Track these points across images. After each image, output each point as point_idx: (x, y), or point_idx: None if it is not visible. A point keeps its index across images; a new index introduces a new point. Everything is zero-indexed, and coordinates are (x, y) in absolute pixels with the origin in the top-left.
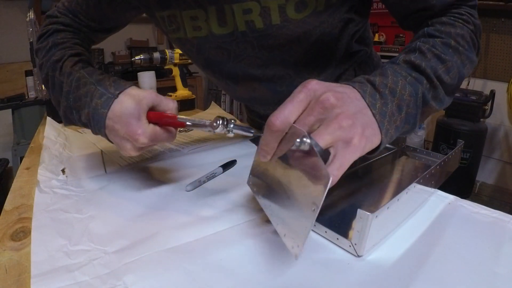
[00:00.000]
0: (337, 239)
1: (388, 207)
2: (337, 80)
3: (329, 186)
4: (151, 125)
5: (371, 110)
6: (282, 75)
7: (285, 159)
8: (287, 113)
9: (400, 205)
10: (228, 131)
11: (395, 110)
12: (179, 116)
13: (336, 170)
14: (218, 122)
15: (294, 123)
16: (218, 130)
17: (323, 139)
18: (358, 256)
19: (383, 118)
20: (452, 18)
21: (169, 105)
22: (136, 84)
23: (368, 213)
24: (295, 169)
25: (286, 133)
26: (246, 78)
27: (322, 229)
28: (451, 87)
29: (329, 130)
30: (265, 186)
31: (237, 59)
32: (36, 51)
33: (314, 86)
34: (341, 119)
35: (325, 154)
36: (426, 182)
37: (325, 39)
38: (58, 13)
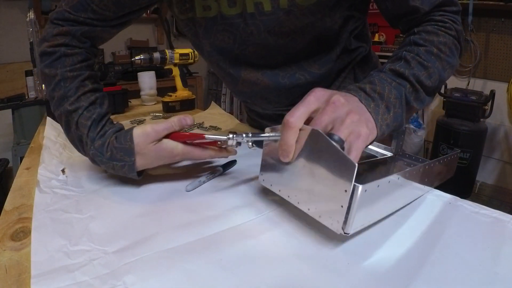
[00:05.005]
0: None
1: (378, 185)
2: (337, 77)
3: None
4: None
5: (367, 109)
6: (283, 65)
7: (302, 154)
8: (300, 112)
9: (391, 189)
10: (247, 141)
11: (384, 110)
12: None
13: (354, 158)
14: (233, 136)
15: (310, 123)
16: (237, 141)
17: (343, 133)
18: (345, 233)
19: (377, 115)
20: (436, 27)
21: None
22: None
23: (358, 185)
24: (316, 161)
25: (300, 131)
26: (248, 68)
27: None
28: (432, 89)
29: (345, 125)
30: (282, 180)
31: (242, 46)
32: (43, 75)
33: (320, 92)
34: (352, 115)
35: (342, 145)
36: (419, 174)
37: (325, 34)
38: (67, 13)
